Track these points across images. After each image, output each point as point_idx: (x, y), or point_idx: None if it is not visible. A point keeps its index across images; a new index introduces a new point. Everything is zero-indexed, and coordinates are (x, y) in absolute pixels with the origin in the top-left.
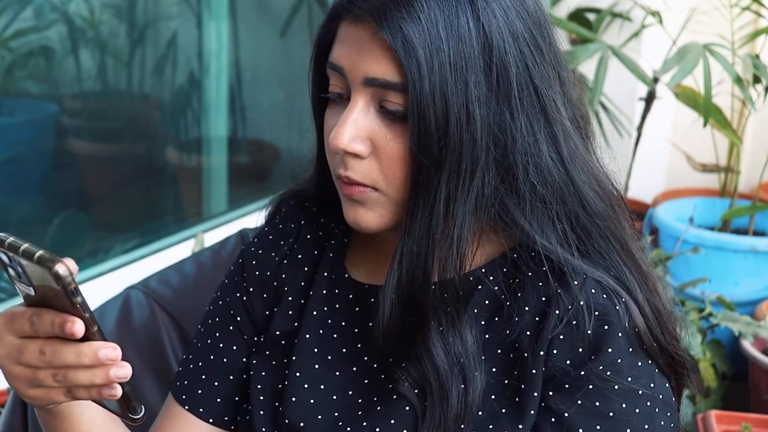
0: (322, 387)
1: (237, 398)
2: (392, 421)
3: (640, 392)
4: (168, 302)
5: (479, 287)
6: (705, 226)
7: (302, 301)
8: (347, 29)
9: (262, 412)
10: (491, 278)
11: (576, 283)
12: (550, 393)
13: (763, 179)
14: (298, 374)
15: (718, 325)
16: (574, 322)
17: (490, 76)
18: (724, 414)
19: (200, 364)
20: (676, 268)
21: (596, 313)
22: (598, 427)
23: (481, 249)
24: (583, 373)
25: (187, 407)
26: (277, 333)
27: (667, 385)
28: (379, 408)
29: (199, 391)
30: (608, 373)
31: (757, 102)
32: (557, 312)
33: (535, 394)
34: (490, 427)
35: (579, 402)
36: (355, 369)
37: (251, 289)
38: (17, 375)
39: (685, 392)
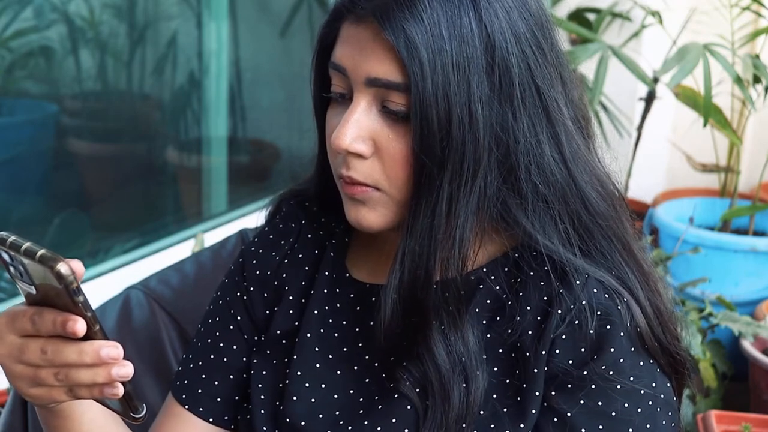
0: (323, 386)
1: (237, 397)
2: (393, 420)
3: (642, 392)
4: (168, 302)
5: (481, 287)
6: (705, 226)
7: (303, 301)
8: (349, 29)
9: (262, 411)
10: (493, 278)
11: (578, 282)
12: (553, 393)
13: (763, 179)
14: (299, 373)
15: (718, 325)
16: (577, 322)
17: (492, 76)
18: (724, 414)
19: (200, 363)
20: (676, 268)
21: (598, 312)
22: (600, 427)
23: (483, 249)
24: (585, 372)
25: (187, 407)
26: (278, 332)
27: (668, 384)
28: (380, 407)
29: (199, 391)
30: (610, 372)
31: (757, 102)
32: (559, 311)
33: (537, 393)
34: (492, 426)
35: (581, 402)
36: (356, 368)
37: (251, 289)
38: (19, 374)
39: (685, 392)
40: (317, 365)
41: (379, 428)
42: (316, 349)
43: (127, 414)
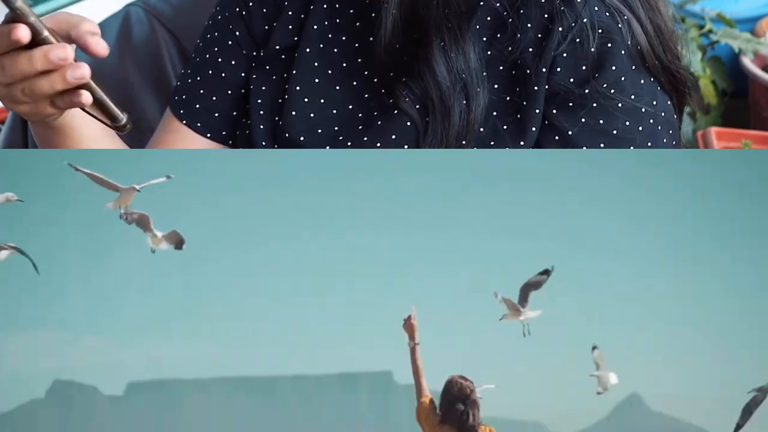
0: (322, 101)
1: (235, 113)
2: (393, 137)
3: (643, 110)
4: (168, 19)
5: (481, 3)
6: None
7: (302, 16)
8: None
9: (261, 127)
10: None
11: (579, 0)
12: (554, 111)
13: None
14: (298, 88)
15: (718, 41)
16: (578, 40)
17: None
18: (724, 131)
19: (198, 79)
20: None
21: (599, 30)
22: (601, 145)
23: None
24: (586, 91)
25: (184, 122)
26: (277, 47)
27: (669, 102)
28: (379, 123)
29: (197, 106)
30: (611, 90)
31: None
32: (560, 29)
33: (537, 111)
34: (492, 143)
35: (583, 120)
36: (355, 83)
37: (250, 4)
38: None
39: (685, 109)
40: (316, 80)
41: (378, 144)
42: (316, 64)
43: (110, 123)
